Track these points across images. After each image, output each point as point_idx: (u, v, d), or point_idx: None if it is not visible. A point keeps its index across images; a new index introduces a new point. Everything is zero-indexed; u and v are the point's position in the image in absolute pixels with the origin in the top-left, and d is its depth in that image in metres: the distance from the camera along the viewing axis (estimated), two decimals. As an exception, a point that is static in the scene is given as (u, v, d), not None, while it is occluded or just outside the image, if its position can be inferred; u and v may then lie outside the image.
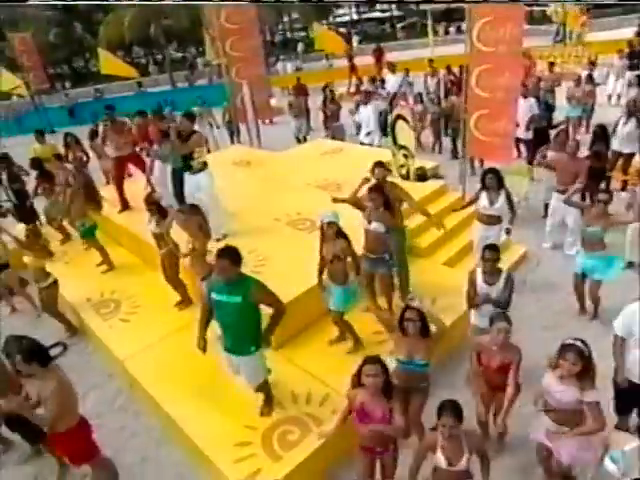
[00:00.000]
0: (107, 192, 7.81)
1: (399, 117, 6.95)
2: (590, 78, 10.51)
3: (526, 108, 8.63)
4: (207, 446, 3.84)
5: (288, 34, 38.35)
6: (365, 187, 4.75)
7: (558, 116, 10.33)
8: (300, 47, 30.41)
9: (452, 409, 2.77)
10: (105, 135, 7.32)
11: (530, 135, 8.49)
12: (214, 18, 9.92)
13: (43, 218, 8.12)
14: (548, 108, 9.52)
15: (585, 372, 2.93)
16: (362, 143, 10.01)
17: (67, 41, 26.68)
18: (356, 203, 4.77)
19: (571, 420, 3.07)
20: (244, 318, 3.47)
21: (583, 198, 6.41)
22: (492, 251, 3.98)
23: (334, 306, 4.40)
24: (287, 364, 4.56)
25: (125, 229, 7.03)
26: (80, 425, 3.50)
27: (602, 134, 7.15)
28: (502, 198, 5.26)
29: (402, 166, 7.19)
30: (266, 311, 3.64)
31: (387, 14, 44.97)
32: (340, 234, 4.24)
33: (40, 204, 8.06)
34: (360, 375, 2.97)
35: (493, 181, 5.28)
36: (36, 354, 3.20)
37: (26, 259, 5.80)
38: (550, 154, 6.80)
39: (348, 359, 4.27)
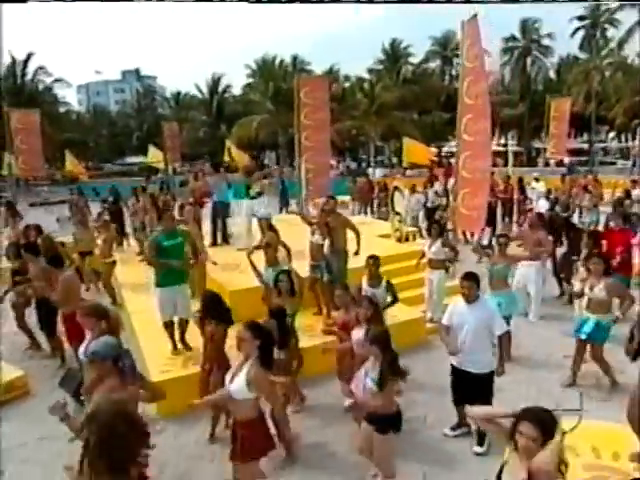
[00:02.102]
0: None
1: (396, 188, 8.46)
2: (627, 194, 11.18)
3: (541, 207, 9.87)
4: (149, 358, 5.43)
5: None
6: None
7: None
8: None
9: None
10: (186, 181, 9.96)
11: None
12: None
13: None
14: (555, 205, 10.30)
15: (375, 315, 4.04)
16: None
17: (212, 138, 33.29)
18: (308, 222, 6.41)
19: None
20: (182, 254, 5.20)
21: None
22: (373, 260, 5.29)
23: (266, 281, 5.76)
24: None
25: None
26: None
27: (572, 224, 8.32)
28: (438, 244, 6.43)
29: (397, 230, 8.50)
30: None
31: (502, 148, 47.48)
32: (271, 228, 5.80)
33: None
34: None
35: (436, 230, 6.56)
36: (53, 260, 5.38)
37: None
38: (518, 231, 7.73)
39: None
